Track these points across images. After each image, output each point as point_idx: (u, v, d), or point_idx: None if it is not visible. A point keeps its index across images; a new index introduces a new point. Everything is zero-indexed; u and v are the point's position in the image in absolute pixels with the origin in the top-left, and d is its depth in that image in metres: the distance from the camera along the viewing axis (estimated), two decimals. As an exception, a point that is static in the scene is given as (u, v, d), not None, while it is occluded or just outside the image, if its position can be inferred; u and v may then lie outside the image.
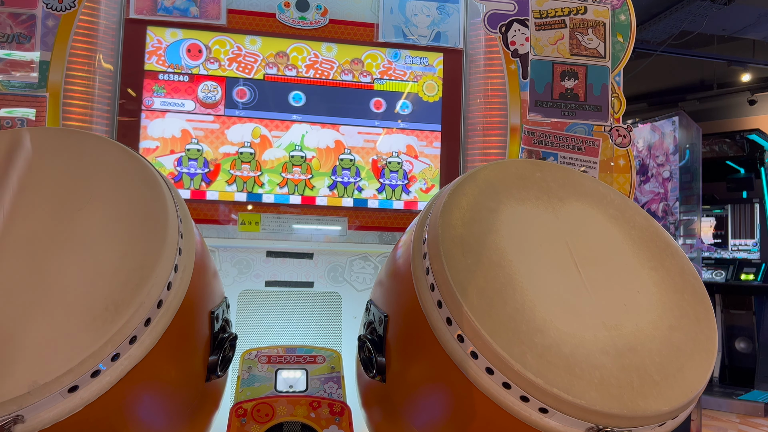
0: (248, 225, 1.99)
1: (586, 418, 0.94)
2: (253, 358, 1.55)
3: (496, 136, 2.12)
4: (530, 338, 0.98)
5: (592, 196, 1.34)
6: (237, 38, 2.03)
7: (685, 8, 4.61)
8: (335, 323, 2.03)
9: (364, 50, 2.10)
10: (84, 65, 1.90)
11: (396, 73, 2.12)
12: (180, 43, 2.00)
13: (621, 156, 2.14)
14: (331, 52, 2.08)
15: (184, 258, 1.06)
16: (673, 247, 1.28)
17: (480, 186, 1.23)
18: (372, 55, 2.11)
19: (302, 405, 1.41)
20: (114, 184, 1.08)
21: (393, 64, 2.12)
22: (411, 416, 1.22)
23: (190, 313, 1.12)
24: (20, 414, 0.82)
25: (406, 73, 2.12)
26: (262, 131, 2.03)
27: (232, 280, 2.00)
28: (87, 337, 0.87)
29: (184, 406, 1.19)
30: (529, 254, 1.14)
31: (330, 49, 2.08)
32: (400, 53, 2.12)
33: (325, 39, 2.08)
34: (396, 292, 1.30)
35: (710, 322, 1.14)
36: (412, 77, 2.13)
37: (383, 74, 2.11)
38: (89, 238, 0.98)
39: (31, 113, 1.83)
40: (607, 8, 2.19)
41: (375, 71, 2.10)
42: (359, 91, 2.09)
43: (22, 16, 1.86)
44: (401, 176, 2.10)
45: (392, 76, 2.12)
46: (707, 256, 5.88)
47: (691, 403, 1.03)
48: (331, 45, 2.08)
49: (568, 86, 2.13)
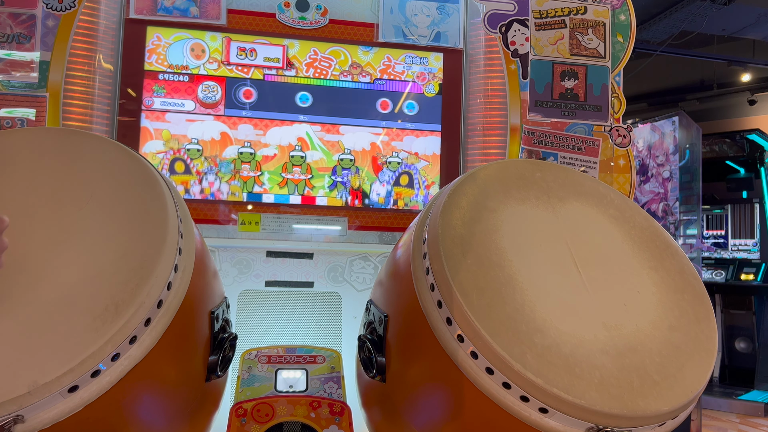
0: (248, 225, 1.99)
1: (586, 418, 0.94)
2: (253, 358, 1.55)
3: (496, 136, 2.12)
4: (530, 338, 0.98)
5: (592, 196, 1.34)
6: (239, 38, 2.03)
7: (685, 8, 4.61)
8: (335, 323, 2.03)
9: (364, 50, 2.10)
10: (84, 65, 1.90)
11: (396, 72, 2.12)
12: (180, 43, 2.00)
13: (621, 156, 2.14)
14: (330, 51, 2.08)
15: (184, 258, 1.06)
16: (673, 247, 1.28)
17: (480, 186, 1.23)
18: (372, 56, 2.11)
19: (302, 405, 1.41)
20: (114, 184, 1.08)
21: (393, 64, 2.12)
22: (411, 416, 1.22)
23: (190, 313, 1.12)
24: (20, 414, 0.82)
25: (405, 73, 2.12)
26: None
27: (232, 280, 2.00)
28: (87, 337, 0.87)
29: (184, 406, 1.19)
30: (529, 254, 1.14)
31: (327, 48, 2.08)
32: (401, 54, 2.12)
33: (325, 39, 2.08)
34: (396, 292, 1.30)
35: (710, 322, 1.14)
36: (412, 77, 2.13)
37: (383, 74, 2.11)
38: (89, 238, 0.99)
39: (31, 113, 1.83)
40: (607, 8, 2.19)
41: (375, 71, 2.10)
42: (359, 91, 2.09)
43: (22, 16, 1.86)
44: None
45: (392, 76, 2.12)
46: (707, 256, 5.88)
47: (691, 403, 1.03)
48: (330, 45, 2.08)
49: (568, 86, 2.13)
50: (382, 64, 2.11)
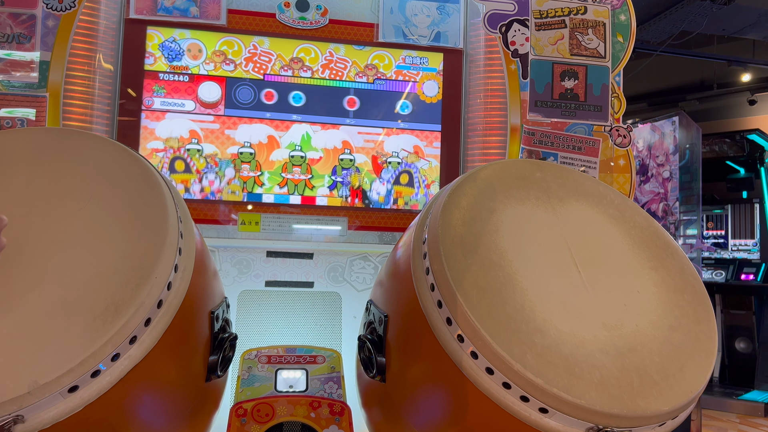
0: (248, 225, 1.99)
1: (586, 418, 0.94)
2: (253, 358, 1.55)
3: (496, 136, 2.12)
4: (530, 338, 0.98)
5: (592, 196, 1.34)
6: (240, 38, 2.03)
7: (685, 8, 4.61)
8: (335, 323, 2.03)
9: (365, 50, 2.10)
10: (84, 65, 1.90)
11: (396, 72, 2.12)
12: (180, 43, 2.00)
13: (621, 156, 2.14)
14: (329, 51, 2.08)
15: (184, 258, 1.06)
16: (673, 247, 1.28)
17: (480, 186, 1.23)
18: (372, 56, 2.11)
19: (302, 405, 1.41)
20: (114, 184, 1.08)
21: (393, 64, 2.12)
22: (411, 416, 1.22)
23: (190, 313, 1.12)
24: (20, 414, 0.82)
25: (405, 73, 2.12)
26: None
27: (232, 280, 2.00)
28: (87, 337, 0.87)
29: (184, 406, 1.19)
30: (529, 254, 1.14)
31: (327, 48, 2.08)
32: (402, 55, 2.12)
33: (325, 39, 2.08)
34: (396, 292, 1.30)
35: (710, 322, 1.14)
36: (412, 77, 2.13)
37: (383, 74, 2.11)
38: (89, 238, 0.99)
39: (31, 113, 1.83)
40: (607, 8, 2.19)
41: (375, 71, 2.10)
42: (359, 92, 2.09)
43: (22, 16, 1.86)
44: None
45: (392, 76, 2.12)
46: (707, 256, 5.88)
47: (691, 403, 1.03)
48: (331, 45, 2.08)
49: (568, 86, 2.13)
50: (382, 65, 2.11)
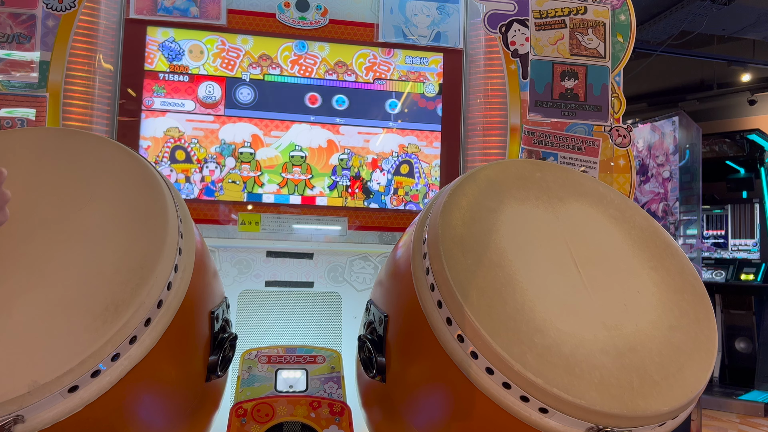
0: (248, 225, 1.99)
1: (586, 418, 0.94)
2: (253, 358, 1.55)
3: (496, 136, 2.12)
4: (530, 338, 0.98)
5: (592, 196, 1.34)
6: (240, 38, 2.03)
7: (685, 8, 4.61)
8: (335, 323, 2.03)
9: (365, 50, 2.10)
10: (84, 65, 1.90)
11: (396, 72, 2.12)
12: (180, 43, 2.00)
13: (621, 156, 2.14)
14: (328, 51, 2.08)
15: (184, 258, 1.06)
16: (673, 247, 1.28)
17: (480, 186, 1.23)
18: (372, 55, 2.11)
19: (302, 405, 1.41)
20: (114, 184, 1.08)
21: (393, 64, 2.12)
22: (411, 416, 1.22)
23: (190, 313, 1.12)
24: (20, 414, 0.82)
25: (406, 73, 2.12)
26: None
27: (232, 280, 2.00)
28: (87, 337, 0.87)
29: (184, 406, 1.19)
30: (529, 254, 1.14)
31: (323, 49, 2.08)
32: (402, 55, 2.12)
33: (325, 39, 2.08)
34: (396, 292, 1.30)
35: (710, 322, 1.14)
36: (412, 77, 2.13)
37: (383, 74, 2.11)
38: (89, 238, 0.99)
39: (31, 113, 1.83)
40: (607, 8, 2.19)
41: (375, 71, 2.10)
42: (359, 92, 2.09)
43: (22, 16, 1.86)
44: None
45: (392, 76, 2.12)
46: (707, 256, 5.88)
47: (691, 403, 1.03)
48: (331, 45, 2.08)
49: (568, 86, 2.13)
50: (383, 66, 2.11)
